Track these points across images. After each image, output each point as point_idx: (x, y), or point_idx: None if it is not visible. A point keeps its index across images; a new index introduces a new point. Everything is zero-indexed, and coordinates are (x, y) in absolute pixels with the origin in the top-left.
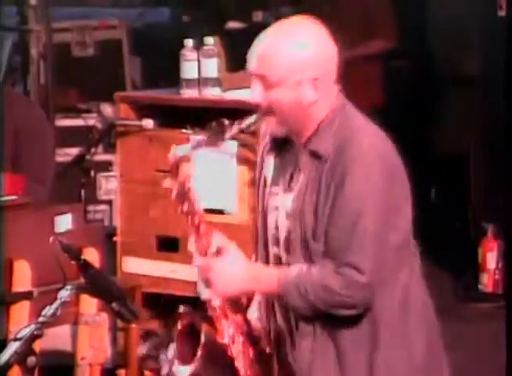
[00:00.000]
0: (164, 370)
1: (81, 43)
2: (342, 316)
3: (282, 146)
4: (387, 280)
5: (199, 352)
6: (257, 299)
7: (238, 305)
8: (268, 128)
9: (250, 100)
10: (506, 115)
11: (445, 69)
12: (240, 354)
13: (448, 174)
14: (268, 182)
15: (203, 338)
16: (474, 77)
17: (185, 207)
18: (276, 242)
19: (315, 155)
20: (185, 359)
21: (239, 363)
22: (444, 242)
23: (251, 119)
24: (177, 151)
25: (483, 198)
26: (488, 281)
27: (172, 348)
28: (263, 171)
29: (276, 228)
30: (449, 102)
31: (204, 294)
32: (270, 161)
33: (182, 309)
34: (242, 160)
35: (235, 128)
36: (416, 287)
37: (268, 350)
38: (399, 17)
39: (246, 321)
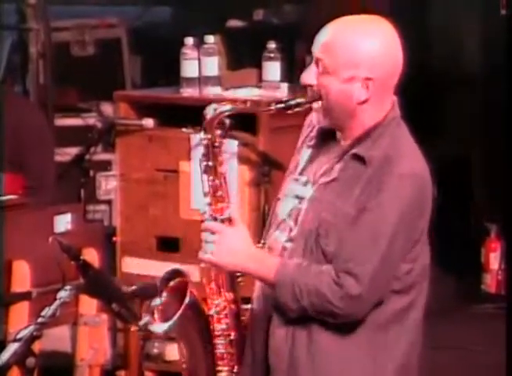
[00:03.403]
0: (142, 321)
1: (80, 42)
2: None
3: (324, 139)
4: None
5: (179, 312)
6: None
7: (234, 285)
8: (315, 117)
9: (301, 80)
10: (507, 115)
11: (447, 69)
12: (222, 332)
13: (451, 174)
14: (298, 169)
15: (187, 299)
16: (475, 77)
17: (210, 163)
18: (285, 230)
19: (359, 159)
20: (165, 319)
21: (220, 341)
22: (446, 242)
23: (301, 99)
24: (218, 107)
25: (486, 198)
26: (490, 282)
27: (158, 302)
28: (298, 158)
29: (290, 216)
30: (451, 102)
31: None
32: (308, 150)
33: (180, 270)
34: (242, 160)
35: (281, 104)
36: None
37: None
38: (400, 17)
39: (238, 303)
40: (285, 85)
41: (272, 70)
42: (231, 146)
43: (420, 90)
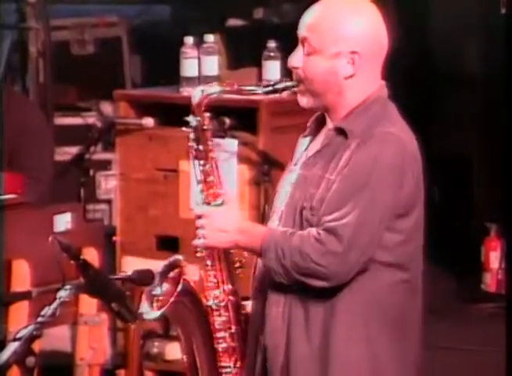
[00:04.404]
0: (140, 309)
1: (80, 41)
2: (315, 287)
3: (318, 128)
4: (371, 272)
5: (171, 299)
6: None
7: (233, 276)
8: (302, 100)
9: (288, 64)
10: (507, 115)
11: (447, 69)
12: (223, 326)
13: (451, 173)
14: (294, 160)
15: (180, 287)
16: (475, 77)
17: (200, 147)
18: (279, 214)
19: (342, 132)
20: (160, 306)
21: (221, 335)
22: (446, 242)
23: (288, 83)
24: (206, 89)
25: (486, 198)
26: (490, 281)
27: (158, 292)
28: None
29: (282, 201)
30: (451, 102)
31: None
32: (303, 141)
33: (181, 259)
34: (242, 159)
35: (270, 87)
36: (399, 296)
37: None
38: (400, 17)
39: (237, 295)
40: None
41: (272, 69)
42: (231, 145)
43: (419, 90)
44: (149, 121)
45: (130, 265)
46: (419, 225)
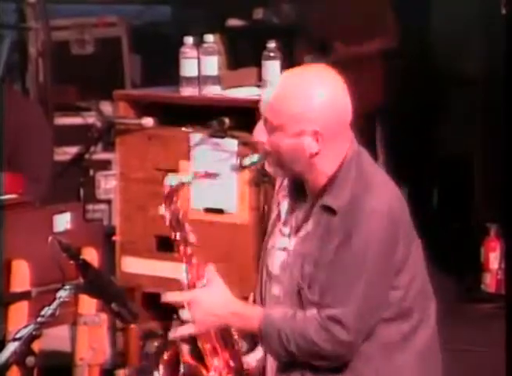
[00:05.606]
0: None
1: (80, 41)
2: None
3: (297, 187)
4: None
5: None
6: None
7: (229, 339)
8: (272, 171)
9: (253, 138)
10: (507, 115)
11: (447, 69)
12: None
13: (451, 174)
14: (282, 220)
15: (182, 369)
16: (475, 77)
17: (178, 237)
18: (279, 283)
19: (329, 209)
20: None
21: None
22: (446, 242)
23: (254, 157)
24: (171, 180)
25: (486, 198)
26: (490, 281)
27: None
28: (279, 208)
29: (282, 270)
30: (451, 102)
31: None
32: (285, 201)
33: (171, 334)
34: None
35: (236, 166)
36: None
37: None
38: (400, 17)
39: (238, 357)
40: None
41: (272, 69)
42: (231, 145)
43: (420, 90)
44: (148, 121)
45: (129, 265)
46: (418, 262)
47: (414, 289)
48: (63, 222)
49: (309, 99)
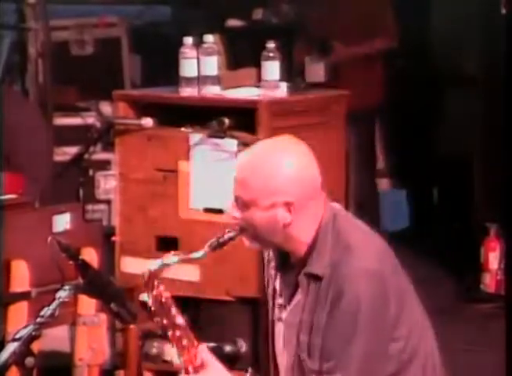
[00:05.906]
0: None
1: (79, 41)
2: None
3: (282, 256)
4: None
5: None
6: None
7: None
8: (250, 244)
9: (229, 215)
10: (507, 115)
11: (447, 69)
12: None
13: (451, 174)
14: (278, 292)
15: None
16: (475, 77)
17: (165, 321)
18: (283, 355)
19: (313, 276)
20: None
21: None
22: (446, 242)
23: (231, 233)
24: (150, 266)
25: (485, 198)
26: (490, 281)
27: None
28: (274, 282)
29: (283, 340)
30: (451, 102)
31: None
32: (276, 273)
33: None
34: None
35: (214, 242)
36: None
37: None
38: (400, 17)
39: None
40: (284, 85)
41: (272, 69)
42: (230, 145)
43: (420, 89)
44: (148, 122)
45: (129, 265)
46: (414, 310)
47: (414, 338)
48: (62, 222)
49: (276, 170)
